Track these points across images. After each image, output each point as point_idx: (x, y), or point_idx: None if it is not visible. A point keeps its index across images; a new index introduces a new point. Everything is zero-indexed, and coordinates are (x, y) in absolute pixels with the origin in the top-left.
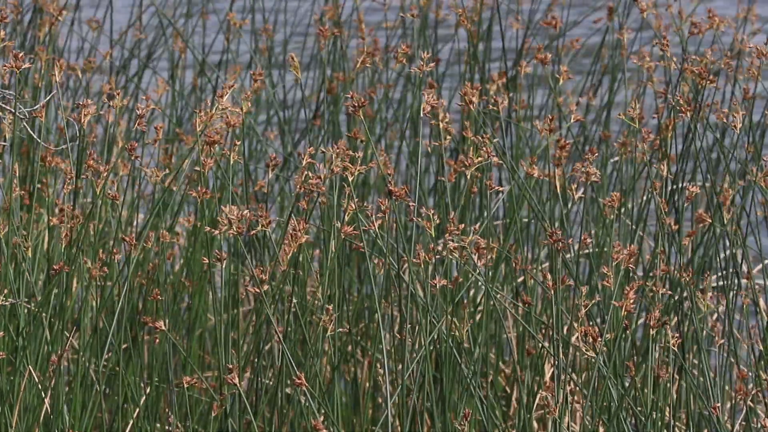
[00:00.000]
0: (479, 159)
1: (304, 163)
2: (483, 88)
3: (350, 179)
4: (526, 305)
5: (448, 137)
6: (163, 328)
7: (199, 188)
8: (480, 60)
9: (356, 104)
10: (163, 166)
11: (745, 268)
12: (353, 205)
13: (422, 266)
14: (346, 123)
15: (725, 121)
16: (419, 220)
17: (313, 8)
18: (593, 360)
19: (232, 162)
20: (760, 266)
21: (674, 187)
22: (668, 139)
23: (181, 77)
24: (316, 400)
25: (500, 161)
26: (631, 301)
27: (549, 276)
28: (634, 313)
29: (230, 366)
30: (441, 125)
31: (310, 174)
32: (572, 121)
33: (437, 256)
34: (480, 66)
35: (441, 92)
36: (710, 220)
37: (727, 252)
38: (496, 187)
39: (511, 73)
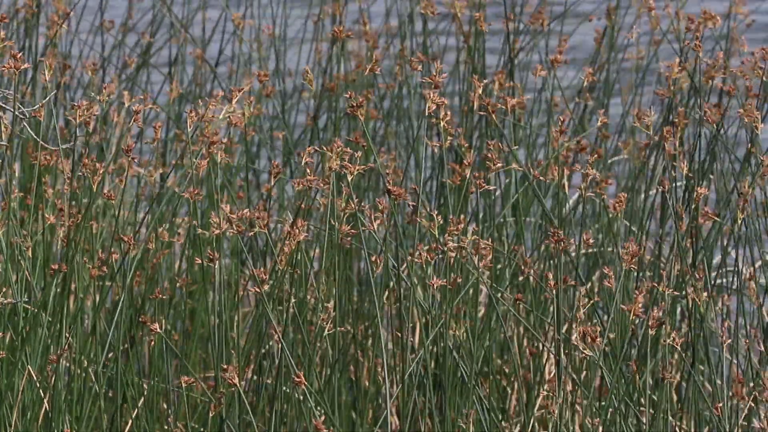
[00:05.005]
0: (471, 159)
1: (302, 162)
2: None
3: (349, 178)
4: (519, 302)
5: (450, 138)
6: (159, 330)
7: (192, 189)
8: (476, 59)
9: (354, 104)
10: (159, 166)
11: (745, 267)
12: (352, 205)
13: (423, 265)
14: (346, 125)
15: (747, 119)
16: (420, 219)
17: (319, 13)
18: (593, 360)
19: (218, 162)
20: (759, 263)
21: (677, 184)
22: (674, 137)
23: (181, 76)
24: (314, 397)
25: (500, 163)
26: (640, 305)
27: (550, 275)
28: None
29: (230, 366)
30: (442, 124)
31: (308, 171)
32: (599, 123)
33: (438, 256)
34: (476, 66)
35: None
36: (716, 218)
37: (732, 251)
38: (487, 187)
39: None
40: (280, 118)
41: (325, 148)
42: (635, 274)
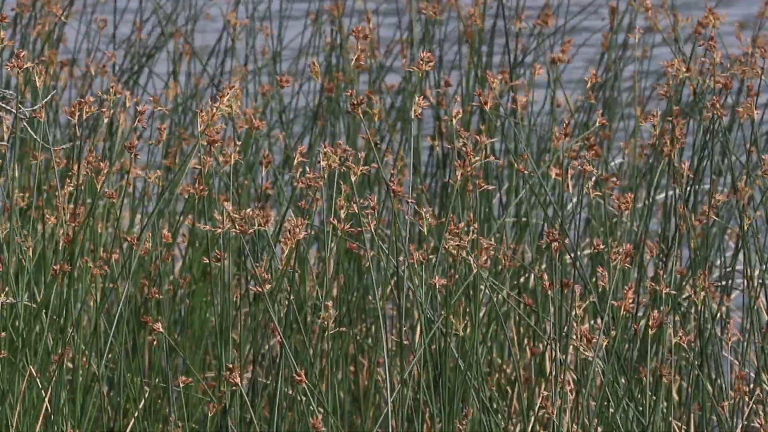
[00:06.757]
0: (477, 159)
1: (296, 161)
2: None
3: (353, 179)
4: (528, 306)
5: (462, 139)
6: (161, 329)
7: (197, 186)
8: (482, 61)
9: (354, 102)
10: (162, 167)
11: (746, 267)
12: (352, 204)
13: (420, 265)
14: (347, 124)
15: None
16: (413, 218)
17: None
18: (591, 360)
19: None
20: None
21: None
22: (675, 139)
23: (184, 74)
24: (315, 398)
25: (498, 160)
26: (630, 300)
27: (546, 276)
28: (636, 313)
29: (230, 365)
30: (453, 122)
31: (308, 169)
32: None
33: (434, 256)
34: (481, 68)
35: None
36: (715, 217)
37: (730, 252)
38: (486, 186)
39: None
40: (281, 114)
41: (326, 148)
42: (634, 273)
